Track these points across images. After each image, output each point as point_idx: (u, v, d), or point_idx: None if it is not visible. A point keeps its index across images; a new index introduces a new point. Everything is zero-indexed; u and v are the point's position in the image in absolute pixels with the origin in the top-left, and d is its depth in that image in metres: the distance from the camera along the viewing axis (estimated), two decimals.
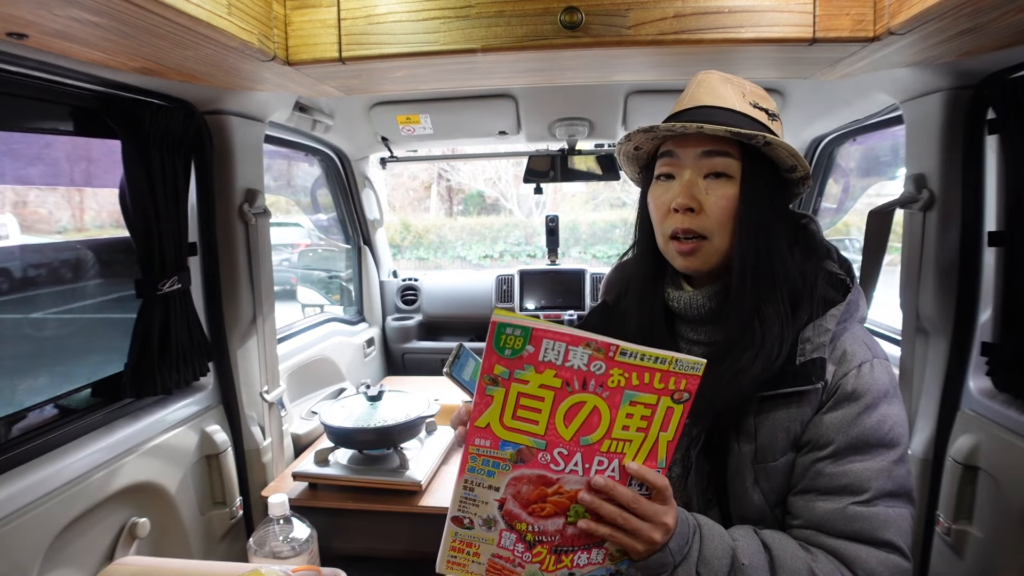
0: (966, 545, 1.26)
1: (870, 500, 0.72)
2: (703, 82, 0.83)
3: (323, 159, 2.38)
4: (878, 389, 0.74)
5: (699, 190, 0.77)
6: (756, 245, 0.76)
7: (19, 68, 1.00)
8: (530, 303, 2.74)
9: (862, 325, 0.82)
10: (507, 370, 0.61)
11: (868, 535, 0.72)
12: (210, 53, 1.01)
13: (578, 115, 2.01)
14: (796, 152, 0.75)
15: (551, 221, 2.84)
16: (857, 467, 0.73)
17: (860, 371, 0.74)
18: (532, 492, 0.64)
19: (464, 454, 0.64)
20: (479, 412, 0.62)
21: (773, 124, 0.81)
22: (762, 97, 0.82)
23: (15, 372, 1.32)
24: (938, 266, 1.30)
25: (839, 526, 0.73)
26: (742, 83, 0.83)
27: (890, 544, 0.72)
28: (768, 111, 0.81)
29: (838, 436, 0.73)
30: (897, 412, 0.75)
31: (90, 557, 1.17)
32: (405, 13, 1.07)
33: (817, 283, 0.79)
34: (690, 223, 0.77)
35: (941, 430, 1.33)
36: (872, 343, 0.78)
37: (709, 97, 0.81)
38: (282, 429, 1.68)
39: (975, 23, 0.89)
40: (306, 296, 3.98)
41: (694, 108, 0.81)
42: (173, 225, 1.34)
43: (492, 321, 0.60)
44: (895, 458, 0.73)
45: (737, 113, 0.79)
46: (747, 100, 0.81)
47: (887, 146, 2.23)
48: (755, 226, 0.76)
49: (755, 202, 0.76)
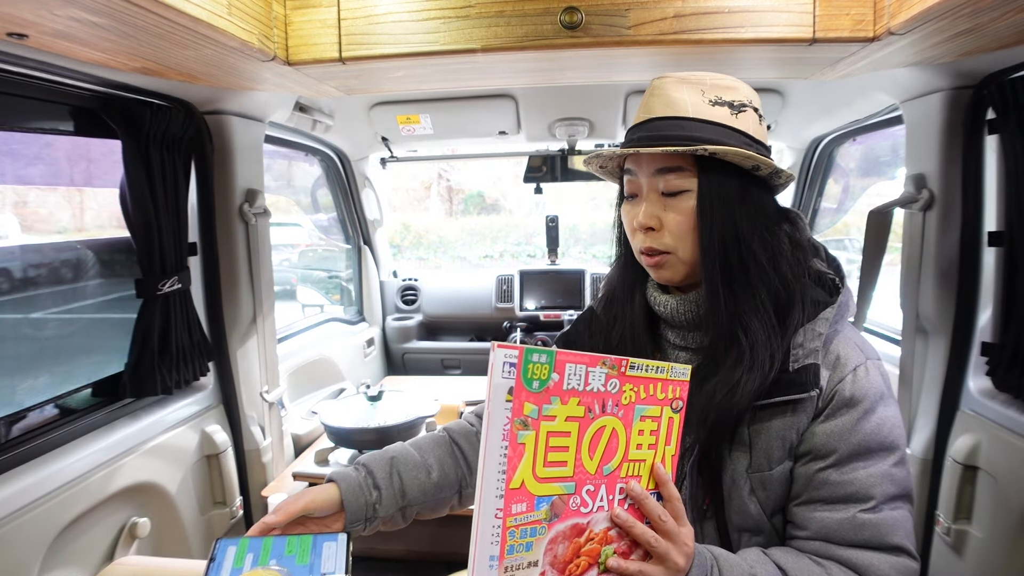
0: (966, 545, 1.26)
1: (876, 506, 0.72)
2: (656, 89, 0.80)
3: (323, 159, 2.38)
4: (875, 392, 0.73)
5: (658, 207, 0.78)
6: (724, 254, 0.74)
7: (19, 68, 1.00)
8: (530, 303, 2.74)
9: (852, 325, 0.81)
10: (536, 407, 0.54)
11: (878, 541, 0.72)
12: (210, 53, 1.01)
13: (578, 115, 2.01)
14: (750, 153, 0.73)
15: (551, 221, 2.84)
16: (861, 474, 0.72)
17: (856, 375, 0.73)
18: (568, 551, 0.58)
19: (502, 533, 0.55)
20: (513, 470, 0.54)
21: (739, 117, 0.76)
22: (726, 88, 0.77)
23: (15, 372, 1.31)
24: (938, 266, 1.30)
25: (848, 536, 0.72)
26: (702, 79, 0.78)
27: (899, 548, 0.72)
28: (733, 103, 0.77)
29: (840, 444, 0.72)
30: (893, 414, 0.75)
31: (90, 557, 1.17)
32: (405, 13, 1.07)
33: (805, 286, 0.77)
34: (652, 242, 0.78)
35: (941, 430, 1.33)
36: (864, 344, 0.77)
37: (661, 107, 0.78)
38: (282, 429, 1.68)
39: (975, 23, 0.89)
40: (306, 296, 3.97)
41: (646, 121, 0.79)
42: (173, 225, 1.34)
43: (503, 349, 0.52)
44: (896, 460, 0.73)
45: (689, 120, 0.75)
46: (707, 98, 0.76)
47: (887, 146, 2.23)
48: (718, 236, 0.74)
49: (716, 212, 0.74)
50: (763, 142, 0.79)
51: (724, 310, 0.75)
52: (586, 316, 0.95)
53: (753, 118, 0.78)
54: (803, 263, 0.79)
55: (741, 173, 0.76)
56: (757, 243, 0.76)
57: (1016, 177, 1.14)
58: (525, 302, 2.75)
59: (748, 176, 0.76)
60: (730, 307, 0.75)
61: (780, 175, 0.77)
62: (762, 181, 0.78)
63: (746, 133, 0.76)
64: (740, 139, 0.76)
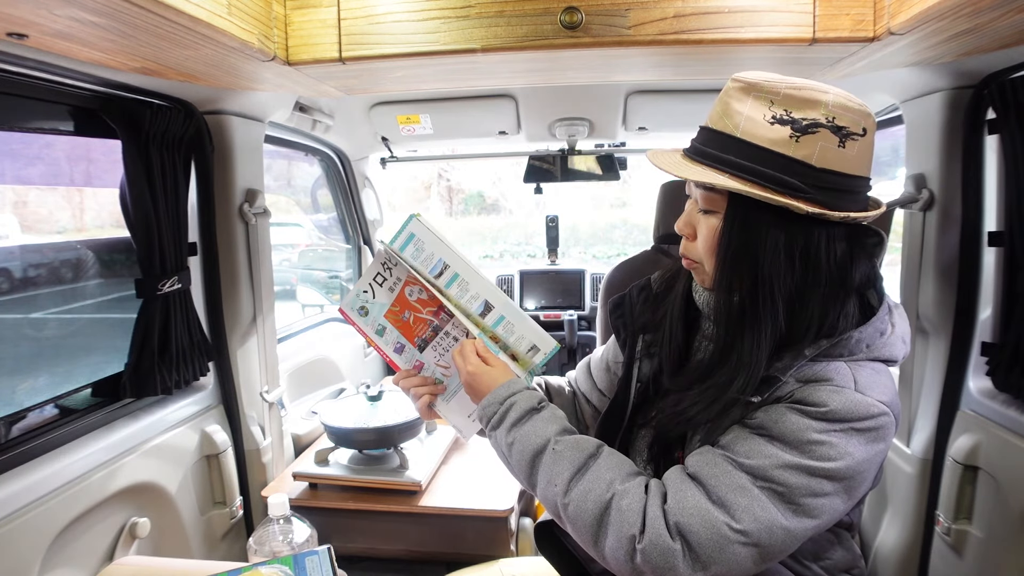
0: (966, 545, 1.27)
1: (743, 467, 0.68)
2: (724, 94, 0.75)
3: (323, 159, 2.38)
4: (836, 413, 0.67)
5: (694, 218, 0.80)
6: (739, 283, 0.74)
7: (19, 68, 1.00)
8: (530, 303, 2.74)
9: (880, 366, 0.75)
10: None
11: (711, 484, 0.68)
12: (210, 53, 1.01)
13: (578, 115, 2.01)
14: (772, 196, 0.68)
15: (551, 221, 2.84)
16: (757, 441, 0.69)
17: (822, 388, 0.69)
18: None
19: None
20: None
21: (802, 141, 0.68)
22: (803, 102, 0.69)
23: (15, 372, 1.32)
24: (938, 266, 1.30)
25: (694, 463, 0.72)
26: (776, 87, 0.70)
27: (725, 505, 0.67)
28: (800, 122, 0.69)
29: (763, 416, 0.70)
30: (849, 448, 0.67)
31: (90, 557, 1.17)
32: (405, 13, 1.07)
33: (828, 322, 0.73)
34: (685, 249, 0.82)
35: (941, 430, 1.33)
36: (869, 382, 0.70)
37: (717, 117, 0.75)
38: (282, 429, 1.68)
39: (975, 23, 0.89)
40: (306, 296, 3.97)
41: (703, 129, 0.77)
42: (173, 225, 1.34)
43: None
44: (805, 466, 0.67)
45: (733, 140, 0.72)
46: (771, 113, 0.70)
47: (887, 146, 2.22)
48: (730, 268, 0.74)
49: (738, 243, 0.73)
50: (834, 171, 0.70)
51: (724, 334, 0.76)
52: (642, 284, 0.99)
53: (826, 140, 0.69)
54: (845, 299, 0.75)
55: (778, 209, 0.69)
56: (780, 283, 0.71)
57: (1016, 177, 1.14)
58: (525, 302, 2.75)
59: (789, 213, 0.69)
60: (735, 326, 0.75)
61: (827, 217, 0.69)
62: (819, 221, 0.70)
63: (803, 162, 0.69)
64: (787, 167, 0.69)
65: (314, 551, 0.79)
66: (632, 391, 0.92)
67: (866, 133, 0.70)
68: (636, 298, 0.97)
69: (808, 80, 0.72)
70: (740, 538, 0.66)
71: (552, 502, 0.75)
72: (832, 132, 0.69)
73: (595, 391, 1.07)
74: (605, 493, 0.71)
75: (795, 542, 0.68)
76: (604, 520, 0.70)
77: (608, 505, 0.70)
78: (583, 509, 0.71)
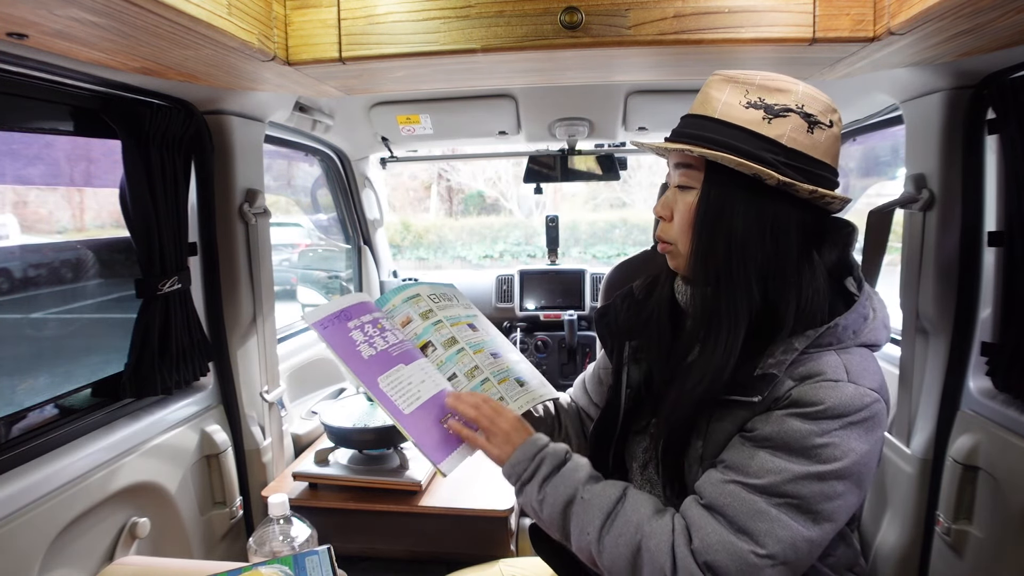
0: (966, 545, 1.27)
1: (756, 488, 0.69)
2: (705, 86, 0.81)
3: (323, 159, 2.38)
4: (834, 409, 0.69)
5: (672, 199, 0.82)
6: (712, 255, 0.76)
7: (19, 68, 1.00)
8: (530, 303, 2.74)
9: (866, 351, 0.77)
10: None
11: (730, 515, 0.69)
12: (210, 53, 1.01)
13: (578, 115, 2.01)
14: (742, 161, 0.72)
15: (551, 221, 2.84)
16: (764, 456, 0.70)
17: (818, 386, 0.70)
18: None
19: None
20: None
21: (773, 123, 0.74)
22: (774, 91, 0.75)
23: (15, 372, 1.32)
24: (938, 266, 1.30)
25: (708, 493, 0.72)
26: (751, 78, 0.77)
27: (750, 535, 0.68)
28: (772, 106, 0.75)
29: (764, 425, 0.72)
30: (851, 443, 0.69)
31: (90, 557, 1.17)
32: (405, 13, 1.07)
33: (807, 301, 0.75)
34: (660, 232, 0.84)
35: (941, 430, 1.33)
36: (859, 370, 0.73)
37: (698, 104, 0.81)
38: (282, 429, 1.67)
39: (975, 23, 0.89)
40: (306, 296, 3.97)
41: (685, 116, 0.83)
42: (173, 225, 1.34)
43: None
44: (815, 472, 0.68)
45: (710, 120, 0.77)
46: (746, 100, 0.76)
47: (887, 146, 2.22)
48: (707, 236, 0.76)
49: (711, 213, 0.77)
50: (803, 152, 0.75)
51: (700, 307, 0.79)
52: (626, 292, 1.00)
53: (795, 124, 0.74)
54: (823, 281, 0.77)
55: (751, 182, 0.74)
56: (752, 253, 0.75)
57: (1016, 177, 1.15)
58: (525, 302, 2.75)
59: (761, 186, 0.74)
60: (710, 305, 0.77)
61: (795, 188, 0.73)
62: (785, 194, 0.75)
63: (774, 141, 0.74)
64: (759, 145, 0.74)
65: (314, 551, 0.79)
66: (623, 397, 0.92)
67: (832, 126, 0.76)
68: (620, 306, 0.98)
69: (781, 74, 0.78)
70: (767, 563, 0.68)
71: (587, 551, 0.77)
72: (802, 118, 0.75)
73: (592, 405, 1.08)
74: (635, 536, 0.73)
75: (819, 549, 0.71)
76: (637, 563, 0.73)
77: (639, 547, 0.73)
78: (617, 555, 0.74)
